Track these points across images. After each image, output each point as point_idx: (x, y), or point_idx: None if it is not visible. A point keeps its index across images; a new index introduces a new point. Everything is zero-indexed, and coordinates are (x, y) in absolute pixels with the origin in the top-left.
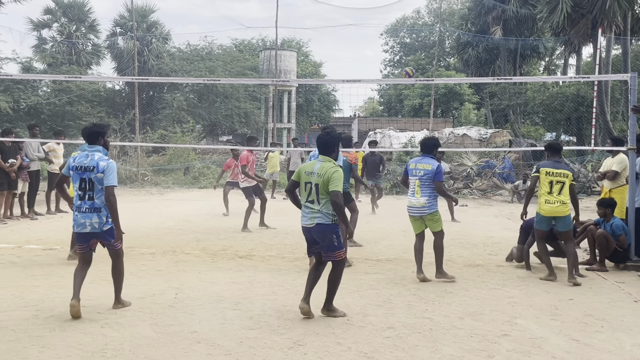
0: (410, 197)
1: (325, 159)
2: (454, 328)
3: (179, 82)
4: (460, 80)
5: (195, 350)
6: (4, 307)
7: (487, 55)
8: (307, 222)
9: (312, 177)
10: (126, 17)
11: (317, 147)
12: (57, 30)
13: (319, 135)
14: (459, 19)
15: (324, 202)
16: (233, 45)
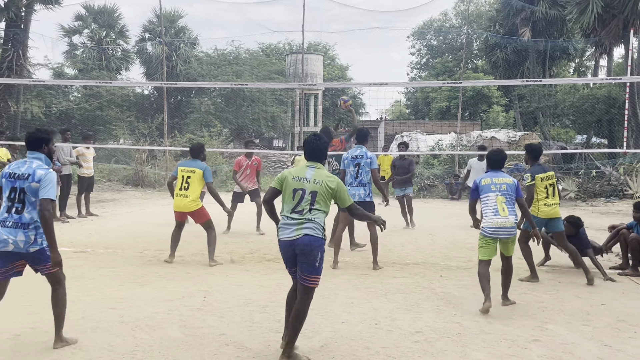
0: (493, 216)
1: (318, 166)
2: (483, 333)
3: (207, 86)
4: (488, 82)
5: (223, 352)
6: (37, 308)
7: (516, 57)
8: (290, 234)
9: (305, 184)
10: (155, 23)
11: (305, 151)
12: (88, 36)
13: (307, 139)
14: (486, 21)
15: (316, 213)
16: (260, 49)
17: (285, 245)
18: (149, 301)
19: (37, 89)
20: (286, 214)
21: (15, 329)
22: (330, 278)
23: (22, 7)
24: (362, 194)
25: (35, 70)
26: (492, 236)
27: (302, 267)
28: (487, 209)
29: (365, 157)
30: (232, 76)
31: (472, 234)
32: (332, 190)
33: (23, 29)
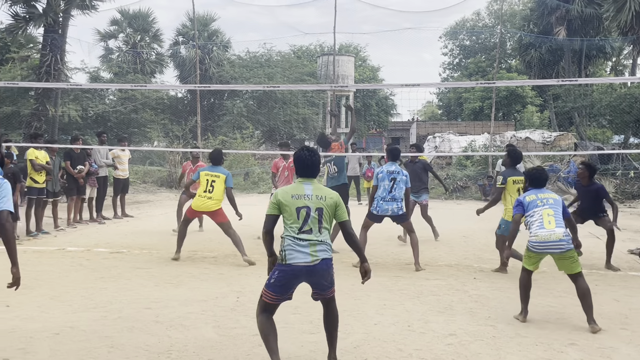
0: (538, 230)
1: (313, 181)
2: (519, 336)
3: (239, 89)
4: (522, 82)
5: (257, 353)
6: (75, 308)
7: (551, 57)
8: (304, 258)
9: (308, 201)
10: (188, 27)
11: (299, 167)
12: (123, 40)
13: (299, 155)
14: (520, 20)
15: (325, 232)
16: (291, 51)
17: (298, 270)
18: (183, 301)
19: (74, 92)
20: (293, 235)
21: (55, 328)
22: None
23: (59, 13)
24: (395, 208)
25: (72, 75)
26: (536, 251)
27: (323, 287)
28: (532, 224)
29: (402, 174)
30: (264, 78)
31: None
32: (335, 203)
33: (61, 34)
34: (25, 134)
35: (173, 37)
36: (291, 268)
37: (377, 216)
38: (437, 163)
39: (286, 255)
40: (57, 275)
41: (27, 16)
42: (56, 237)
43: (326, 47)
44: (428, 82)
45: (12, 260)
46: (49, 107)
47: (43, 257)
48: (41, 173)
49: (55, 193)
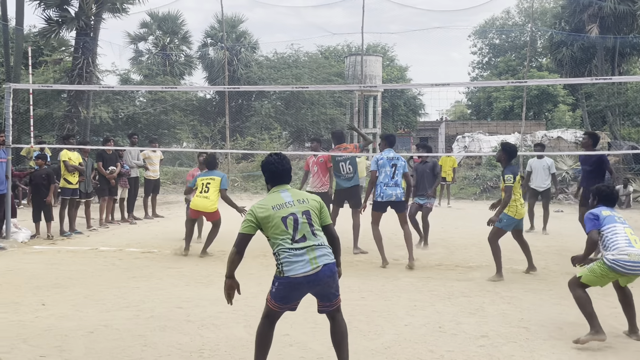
0: (628, 247)
1: (288, 187)
2: (552, 339)
3: (267, 90)
4: (554, 81)
5: (287, 353)
6: (108, 306)
7: (583, 55)
8: (304, 267)
9: (291, 207)
10: (216, 28)
11: (271, 175)
12: (153, 42)
13: (268, 161)
14: (551, 18)
15: (319, 234)
16: (319, 52)
17: (300, 282)
18: (214, 301)
19: (106, 94)
20: (288, 247)
21: (89, 326)
22: (392, 280)
23: (91, 16)
24: (399, 193)
25: (103, 77)
26: (624, 271)
27: (329, 296)
28: (616, 239)
29: (401, 160)
30: (292, 79)
31: (538, 237)
32: (319, 205)
33: (92, 37)
34: (58, 135)
35: (201, 39)
36: (289, 280)
37: (383, 204)
38: (467, 163)
39: (283, 268)
40: (90, 274)
41: (59, 20)
42: (89, 237)
43: (354, 47)
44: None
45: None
46: (81, 109)
47: (77, 257)
48: (74, 174)
49: (87, 194)
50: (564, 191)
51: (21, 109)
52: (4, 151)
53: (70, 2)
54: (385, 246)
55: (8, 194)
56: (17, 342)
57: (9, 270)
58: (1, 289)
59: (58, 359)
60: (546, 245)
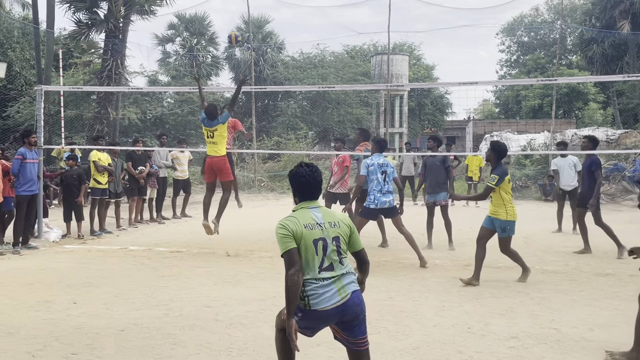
0: None
1: (319, 204)
2: (584, 340)
3: (293, 90)
4: (585, 79)
5: (315, 352)
6: (138, 305)
7: (614, 52)
8: (332, 299)
9: (323, 231)
10: (243, 29)
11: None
12: (180, 44)
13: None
14: (581, 15)
15: (346, 262)
16: (345, 51)
17: (328, 315)
18: (242, 300)
19: (134, 95)
20: (314, 277)
21: (119, 324)
22: (420, 281)
23: (120, 19)
24: (391, 200)
25: (132, 78)
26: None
27: (356, 331)
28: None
29: (390, 166)
30: (318, 79)
31: (569, 237)
32: (349, 229)
33: (121, 39)
34: (88, 136)
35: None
36: (318, 314)
37: (375, 211)
38: None
39: (310, 301)
40: (120, 273)
41: (89, 22)
42: (118, 237)
43: (380, 46)
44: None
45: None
46: (110, 110)
47: (106, 256)
48: (104, 174)
49: (117, 194)
50: None
51: (52, 110)
52: (36, 152)
53: (99, 4)
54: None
55: (40, 194)
56: (49, 340)
57: (41, 269)
58: (34, 288)
59: (89, 356)
60: (577, 245)
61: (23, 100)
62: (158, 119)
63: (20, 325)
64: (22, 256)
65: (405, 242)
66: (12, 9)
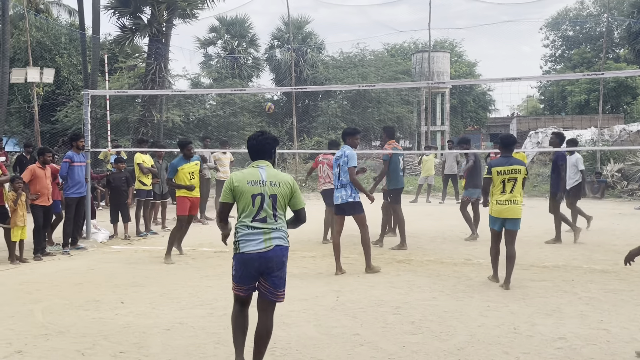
0: None
1: (268, 164)
2: (635, 341)
3: (333, 89)
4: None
5: (358, 352)
6: (183, 304)
7: None
8: (257, 245)
9: (263, 187)
10: (283, 30)
11: (250, 150)
12: (221, 46)
13: (250, 137)
14: (629, 7)
15: (280, 219)
16: (385, 50)
17: (251, 258)
18: (285, 300)
19: (177, 98)
20: (247, 224)
21: (165, 323)
22: (464, 280)
23: (163, 23)
24: (344, 195)
25: (175, 81)
26: None
27: (274, 282)
28: None
29: (344, 156)
30: (358, 78)
31: (618, 235)
32: (290, 190)
33: (164, 43)
34: (133, 139)
35: (268, 41)
36: (246, 256)
37: (337, 207)
38: (540, 160)
39: (240, 244)
40: (165, 273)
41: (133, 27)
42: (163, 237)
43: (420, 44)
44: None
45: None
46: (154, 113)
47: (152, 256)
48: (148, 176)
49: (162, 195)
50: None
51: (98, 114)
52: (84, 155)
53: (142, 9)
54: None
55: (88, 196)
56: (98, 339)
57: (89, 269)
58: (83, 288)
59: (137, 355)
60: (627, 244)
61: (71, 105)
62: (201, 121)
63: (70, 324)
64: (71, 257)
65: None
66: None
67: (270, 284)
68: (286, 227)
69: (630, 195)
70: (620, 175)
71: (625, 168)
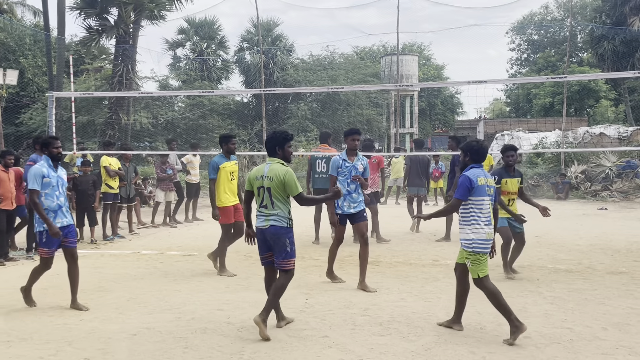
0: (486, 226)
1: (274, 160)
2: (597, 339)
3: (303, 92)
4: (596, 76)
5: (327, 355)
6: (150, 309)
7: (625, 48)
8: (260, 223)
9: (263, 181)
10: (252, 32)
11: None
12: (190, 48)
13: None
14: (591, 12)
15: (278, 206)
16: (354, 53)
17: (258, 232)
18: (254, 303)
19: (145, 100)
20: (257, 209)
21: (132, 329)
22: (431, 282)
23: (130, 24)
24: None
25: (143, 83)
26: (484, 250)
27: (277, 254)
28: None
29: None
30: (328, 81)
31: (581, 235)
32: (282, 182)
33: (131, 45)
34: (100, 142)
35: (238, 43)
36: (257, 229)
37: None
38: None
39: (256, 219)
40: (132, 277)
41: (99, 28)
42: (131, 241)
43: (389, 47)
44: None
45: None
46: (121, 115)
47: (119, 261)
48: (115, 179)
49: (129, 198)
50: (607, 188)
51: (64, 116)
52: None
53: (109, 10)
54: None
55: None
56: (62, 345)
57: (55, 274)
58: (47, 293)
59: None
60: (590, 244)
61: (35, 107)
62: (169, 124)
63: (33, 330)
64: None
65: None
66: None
67: (276, 257)
68: (284, 214)
69: (594, 196)
70: (583, 177)
71: (589, 169)
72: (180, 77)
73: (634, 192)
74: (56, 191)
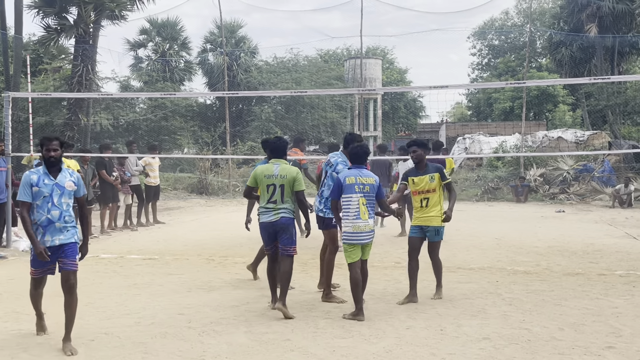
0: (355, 220)
1: (281, 161)
2: (554, 339)
3: (267, 95)
4: (554, 81)
5: (288, 358)
6: (109, 314)
7: (582, 55)
8: (270, 217)
9: (275, 179)
10: (215, 34)
11: (270, 152)
12: (152, 49)
13: (269, 140)
14: (550, 18)
15: (287, 200)
16: (318, 55)
17: (266, 226)
18: (216, 307)
19: (106, 102)
20: (263, 205)
21: (89, 334)
22: (393, 284)
23: (90, 24)
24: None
25: (103, 84)
26: (354, 241)
27: (283, 241)
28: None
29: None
30: (292, 83)
31: (539, 237)
32: (293, 179)
33: (91, 45)
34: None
35: (201, 44)
36: (263, 224)
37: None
38: (468, 165)
39: (260, 216)
40: (91, 282)
41: (58, 28)
42: (90, 245)
43: (353, 50)
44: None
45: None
46: (81, 116)
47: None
48: None
49: (88, 201)
50: (565, 191)
51: (21, 117)
52: (4, 160)
53: (69, 10)
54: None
55: (8, 203)
56: (17, 352)
57: (10, 279)
58: (2, 299)
59: None
60: (548, 246)
61: None
62: (131, 125)
63: None
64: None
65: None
66: None
67: (281, 243)
68: (291, 206)
69: (552, 199)
70: (542, 180)
71: (547, 173)
72: (142, 78)
73: (590, 195)
74: (48, 203)
